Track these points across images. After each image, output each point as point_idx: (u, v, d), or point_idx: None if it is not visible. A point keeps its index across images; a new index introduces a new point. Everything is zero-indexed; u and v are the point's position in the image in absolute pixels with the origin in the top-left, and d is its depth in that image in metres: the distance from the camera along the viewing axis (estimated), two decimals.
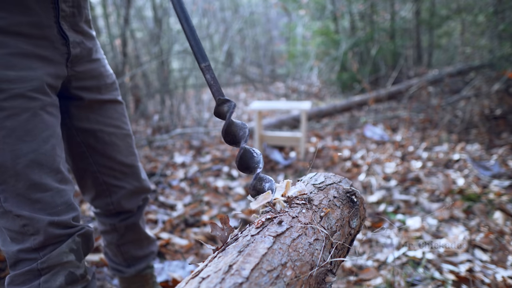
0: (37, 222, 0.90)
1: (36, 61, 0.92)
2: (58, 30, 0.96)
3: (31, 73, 0.90)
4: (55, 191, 0.93)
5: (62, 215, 0.94)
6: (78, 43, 1.02)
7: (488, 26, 4.47)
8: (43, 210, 0.91)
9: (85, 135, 1.13)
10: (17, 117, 0.87)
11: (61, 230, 0.93)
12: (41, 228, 0.90)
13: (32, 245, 0.91)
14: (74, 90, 1.07)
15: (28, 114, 0.89)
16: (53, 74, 0.96)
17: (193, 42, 0.78)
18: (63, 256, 0.93)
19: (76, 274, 0.96)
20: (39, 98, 0.91)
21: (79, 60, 1.04)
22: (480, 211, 2.03)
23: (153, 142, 3.91)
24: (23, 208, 0.89)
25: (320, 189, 0.87)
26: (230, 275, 0.55)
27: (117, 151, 1.18)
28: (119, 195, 1.22)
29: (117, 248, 1.32)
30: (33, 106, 0.90)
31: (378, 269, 1.64)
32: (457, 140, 3.33)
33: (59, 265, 0.93)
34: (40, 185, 0.90)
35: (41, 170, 0.91)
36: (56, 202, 0.93)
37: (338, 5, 6.68)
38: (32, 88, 0.90)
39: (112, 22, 4.60)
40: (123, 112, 1.21)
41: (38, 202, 0.90)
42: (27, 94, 0.89)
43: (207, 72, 0.78)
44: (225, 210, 2.36)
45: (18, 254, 0.92)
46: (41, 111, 0.92)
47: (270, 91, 7.35)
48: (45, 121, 0.92)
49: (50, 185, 0.92)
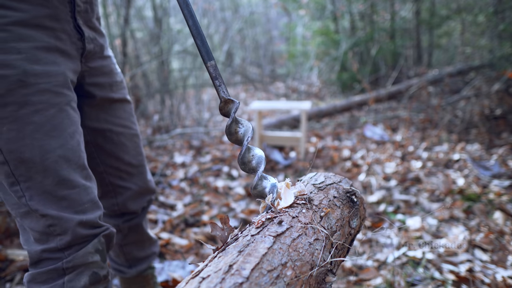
0: (65, 222, 0.88)
1: (59, 55, 0.91)
2: (74, 25, 0.95)
3: (55, 68, 0.89)
4: (82, 188, 0.92)
5: (89, 213, 0.93)
6: (92, 39, 1.02)
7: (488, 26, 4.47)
8: (69, 208, 0.89)
9: (94, 134, 1.13)
10: (45, 112, 0.86)
11: (88, 230, 0.92)
12: (69, 228, 0.89)
13: (57, 245, 0.89)
14: (87, 86, 1.06)
15: (55, 109, 0.88)
16: (73, 69, 0.96)
17: (199, 40, 0.78)
18: (89, 256, 0.92)
19: (100, 275, 0.96)
20: (65, 94, 0.90)
21: (92, 56, 1.04)
22: (480, 211, 2.03)
23: (153, 142, 3.91)
24: (50, 207, 0.87)
25: (320, 189, 0.87)
26: (230, 275, 0.55)
27: (125, 151, 1.17)
28: (124, 196, 1.22)
29: (120, 249, 1.32)
30: (59, 102, 0.89)
31: (378, 269, 1.64)
32: (457, 140, 3.33)
33: (84, 265, 0.92)
34: (68, 182, 0.89)
35: (69, 166, 0.90)
36: (83, 199, 0.92)
37: (338, 5, 6.68)
38: (58, 83, 0.89)
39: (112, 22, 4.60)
40: (131, 111, 1.20)
41: (65, 200, 0.89)
42: (53, 89, 0.88)
43: (213, 70, 0.78)
44: (225, 210, 2.36)
45: (42, 254, 0.90)
46: (67, 106, 0.91)
47: (270, 91, 7.35)
48: (70, 116, 0.92)
49: (77, 181, 0.91)
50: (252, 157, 0.80)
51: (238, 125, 0.80)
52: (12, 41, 0.83)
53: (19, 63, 0.83)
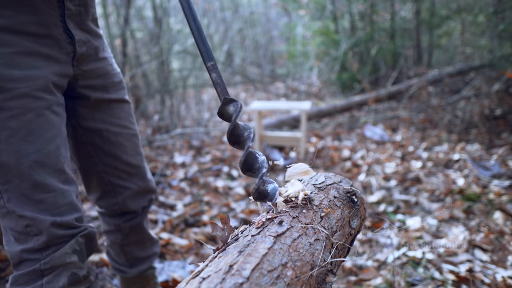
0: (40, 223, 0.89)
1: (42, 60, 0.91)
2: (64, 29, 0.95)
3: (36, 72, 0.89)
4: (59, 191, 0.93)
5: (65, 216, 0.93)
6: (84, 41, 1.01)
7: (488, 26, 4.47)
8: (46, 211, 0.90)
9: (90, 134, 1.13)
10: (22, 116, 0.87)
11: (64, 231, 0.93)
12: (44, 229, 0.90)
13: (35, 245, 0.91)
14: (80, 89, 1.06)
15: (32, 114, 0.88)
16: (59, 73, 0.95)
17: (200, 41, 0.78)
18: (66, 257, 0.93)
19: (79, 275, 0.96)
20: (45, 98, 0.91)
21: (86, 58, 1.04)
22: (480, 211, 2.03)
23: (153, 142, 3.91)
24: (26, 209, 0.89)
25: (321, 189, 0.87)
26: (231, 275, 0.55)
27: (123, 151, 1.17)
28: (124, 195, 1.22)
29: (121, 248, 1.32)
30: (38, 106, 0.89)
31: (378, 269, 1.64)
32: (457, 140, 3.33)
33: (62, 266, 0.93)
34: (43, 186, 0.90)
35: (44, 171, 0.90)
36: (59, 202, 0.93)
37: (338, 5, 6.68)
38: (37, 87, 0.89)
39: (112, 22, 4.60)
40: (130, 111, 1.20)
41: (41, 203, 0.90)
42: (32, 94, 0.88)
43: (213, 71, 0.78)
44: (225, 210, 2.36)
45: (22, 254, 0.91)
46: (46, 110, 0.91)
47: (270, 91, 7.35)
48: (49, 120, 0.92)
49: (54, 185, 0.92)
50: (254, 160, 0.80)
51: (240, 129, 0.79)
52: None
53: None
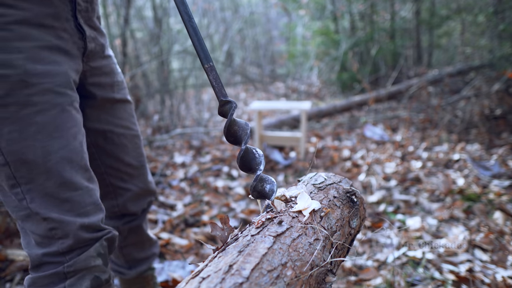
0: (67, 225, 0.87)
1: (61, 54, 0.90)
2: (75, 23, 0.94)
3: (57, 67, 0.88)
4: (85, 190, 0.91)
5: (91, 217, 0.91)
6: (93, 38, 1.01)
7: (488, 26, 4.47)
8: (71, 211, 0.88)
9: (95, 135, 1.12)
10: (47, 112, 0.85)
11: (90, 234, 0.91)
12: (70, 232, 0.87)
13: (59, 249, 0.88)
14: (89, 86, 1.05)
15: (57, 110, 0.86)
16: (74, 69, 0.94)
17: (197, 42, 0.78)
18: (91, 260, 0.91)
19: (102, 279, 0.94)
20: (67, 94, 0.89)
21: (94, 55, 1.03)
22: (480, 211, 2.03)
23: (153, 142, 3.91)
24: (51, 210, 0.86)
25: (320, 189, 0.87)
26: (231, 275, 0.55)
27: (125, 152, 1.17)
28: (125, 197, 1.21)
29: (119, 250, 1.31)
30: (61, 102, 0.87)
31: (378, 269, 1.64)
32: (457, 140, 3.33)
33: (86, 269, 0.91)
34: (70, 183, 0.88)
35: (72, 168, 0.88)
36: (86, 201, 0.90)
37: (338, 5, 6.68)
38: (60, 83, 0.87)
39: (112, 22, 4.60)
40: (131, 112, 1.20)
41: (67, 202, 0.87)
42: (55, 89, 0.86)
43: (210, 73, 0.78)
44: (225, 210, 2.36)
45: (43, 258, 0.89)
46: (69, 106, 0.90)
47: (270, 91, 7.35)
48: (73, 117, 0.91)
49: (80, 183, 0.90)
50: (251, 157, 0.80)
51: (236, 126, 0.80)
52: (13, 40, 0.81)
53: (21, 62, 0.82)
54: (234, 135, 0.80)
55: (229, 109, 0.78)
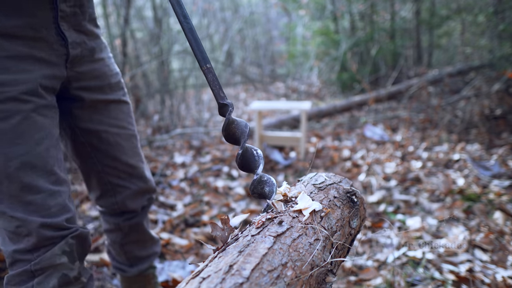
0: (29, 224, 0.90)
1: (32, 63, 0.91)
2: (57, 31, 0.95)
3: (25, 75, 0.90)
4: (48, 193, 0.93)
5: (55, 217, 0.94)
6: (78, 43, 1.01)
7: (488, 26, 4.47)
8: (36, 212, 0.91)
9: (88, 135, 1.13)
10: (9, 119, 0.88)
11: (53, 232, 0.94)
12: (33, 230, 0.91)
13: (26, 246, 0.92)
14: (74, 90, 1.06)
15: (19, 117, 0.89)
16: (50, 75, 0.95)
17: (194, 44, 0.78)
18: (56, 258, 0.94)
19: (70, 276, 0.97)
20: (32, 101, 0.91)
21: (80, 60, 1.03)
22: (480, 211, 2.03)
23: (153, 142, 3.91)
24: (17, 210, 0.90)
25: (321, 189, 0.87)
26: (231, 275, 0.55)
27: (122, 151, 1.18)
28: (123, 195, 1.22)
29: (121, 248, 1.32)
30: (25, 109, 0.90)
31: (378, 269, 1.65)
32: (457, 140, 3.33)
33: (52, 267, 0.94)
34: (32, 187, 0.91)
35: (33, 173, 0.91)
36: (49, 203, 0.93)
37: (338, 5, 6.68)
38: (25, 90, 0.90)
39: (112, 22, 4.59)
40: (128, 112, 1.20)
41: (31, 204, 0.91)
42: (19, 97, 0.89)
43: (208, 74, 0.78)
44: (225, 210, 2.36)
45: (14, 255, 0.93)
46: (33, 113, 0.92)
47: (270, 91, 7.36)
48: (37, 123, 0.93)
49: (43, 187, 0.93)
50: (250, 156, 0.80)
51: (234, 126, 0.80)
52: None
53: None
54: (233, 136, 0.80)
55: (226, 111, 0.78)
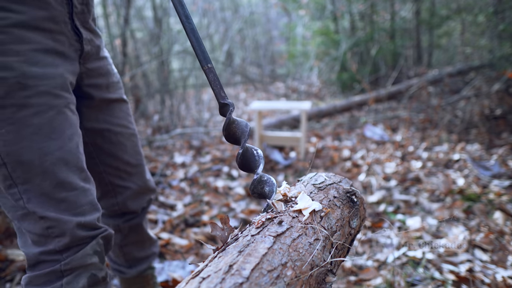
0: (63, 224, 0.88)
1: (57, 57, 0.91)
2: (72, 26, 0.95)
3: (53, 70, 0.89)
4: (80, 190, 0.92)
5: (87, 216, 0.93)
6: (89, 40, 1.02)
7: (488, 26, 4.47)
8: (68, 211, 0.89)
9: (93, 135, 1.13)
10: (44, 114, 0.87)
11: (87, 232, 0.92)
12: (67, 230, 0.89)
13: (56, 247, 0.89)
14: (86, 87, 1.06)
15: (53, 112, 0.88)
16: (71, 71, 0.96)
17: (196, 44, 0.78)
18: (87, 258, 0.92)
19: (98, 277, 0.95)
20: (64, 96, 0.91)
21: (90, 57, 1.04)
22: (480, 211, 2.03)
23: (153, 142, 3.91)
24: (48, 209, 0.87)
25: (320, 189, 0.87)
26: (231, 275, 0.55)
27: (123, 150, 1.18)
28: (124, 195, 1.22)
29: (120, 249, 1.32)
30: (58, 104, 0.89)
31: (378, 269, 1.64)
32: (457, 140, 3.33)
33: (82, 267, 0.92)
34: (66, 184, 0.89)
35: (68, 169, 0.90)
36: (81, 201, 0.92)
37: (338, 5, 6.68)
38: (57, 85, 0.89)
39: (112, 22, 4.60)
40: (128, 111, 1.21)
41: (63, 202, 0.89)
42: (52, 92, 0.88)
43: (210, 74, 0.78)
44: (225, 210, 2.36)
45: (40, 256, 0.90)
46: (65, 108, 0.91)
47: (270, 91, 7.35)
48: (69, 119, 0.92)
49: (76, 183, 0.91)
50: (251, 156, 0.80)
51: (234, 126, 0.80)
52: (10, 43, 0.83)
53: (18, 65, 0.83)
54: (234, 135, 0.80)
55: (226, 111, 0.79)
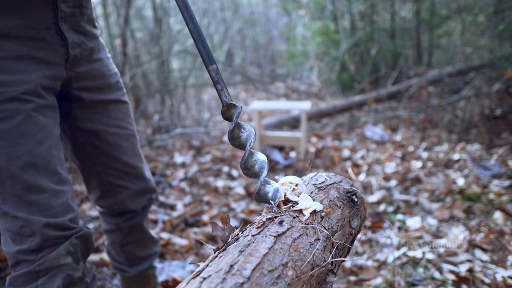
0: (33, 224, 0.90)
1: (32, 63, 0.92)
2: (57, 31, 0.95)
3: (25, 76, 0.90)
4: (51, 192, 0.93)
5: (59, 217, 0.94)
6: (78, 43, 1.01)
7: (488, 26, 4.47)
8: (39, 212, 0.91)
9: (88, 136, 1.13)
10: (11, 119, 0.88)
11: (58, 232, 0.93)
12: (37, 230, 0.90)
13: (30, 246, 0.91)
14: (74, 91, 1.06)
15: (21, 117, 0.89)
16: (50, 75, 0.96)
17: (200, 44, 0.78)
18: (60, 259, 0.93)
19: (74, 277, 0.96)
20: (33, 100, 0.91)
21: (79, 60, 1.03)
22: (480, 211, 2.03)
23: (153, 142, 3.91)
24: (20, 210, 0.89)
25: (321, 189, 0.87)
26: (231, 275, 0.55)
27: (121, 151, 1.18)
28: (123, 195, 1.22)
29: (121, 248, 1.32)
30: (26, 109, 0.90)
31: (378, 269, 1.65)
32: (457, 140, 3.33)
33: (57, 268, 0.93)
34: (35, 187, 0.91)
35: (36, 172, 0.91)
36: (52, 203, 0.93)
37: (338, 5, 6.68)
38: (25, 90, 0.90)
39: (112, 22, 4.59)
40: (127, 112, 1.20)
41: (34, 204, 0.90)
42: (20, 97, 0.89)
43: (214, 74, 0.78)
44: (225, 210, 2.36)
45: (17, 255, 0.92)
46: (35, 113, 0.92)
47: (270, 91, 7.35)
48: (39, 122, 0.93)
49: (46, 186, 0.92)
50: (255, 161, 0.80)
51: (241, 130, 0.79)
52: None
53: None
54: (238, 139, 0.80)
55: (234, 112, 0.78)
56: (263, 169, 0.79)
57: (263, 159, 0.80)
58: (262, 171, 0.79)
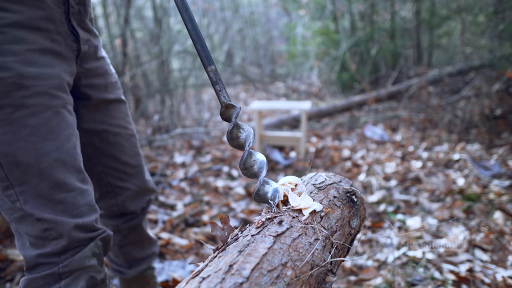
0: (61, 226, 0.87)
1: (54, 57, 0.90)
2: (69, 26, 0.95)
3: (50, 70, 0.88)
4: (78, 191, 0.91)
5: (85, 217, 0.92)
6: (86, 40, 1.01)
7: (488, 26, 4.47)
8: (65, 212, 0.88)
9: (90, 136, 1.12)
10: (41, 114, 0.85)
11: (85, 234, 0.91)
12: (65, 232, 0.87)
13: (53, 249, 0.88)
14: (83, 88, 1.06)
15: (51, 112, 0.87)
16: (68, 71, 0.95)
17: (199, 45, 0.78)
18: (86, 261, 0.91)
19: (97, 279, 0.94)
20: (61, 96, 0.90)
21: (87, 57, 1.03)
22: (480, 211, 2.03)
23: (153, 142, 3.91)
24: (45, 211, 0.86)
25: (321, 189, 0.87)
26: (231, 275, 0.55)
27: (122, 151, 1.17)
28: (123, 196, 1.21)
29: (119, 249, 1.31)
30: (55, 104, 0.88)
31: (378, 269, 1.64)
32: (457, 140, 3.33)
33: (81, 269, 0.91)
34: (64, 185, 0.88)
35: (65, 170, 0.89)
36: (79, 202, 0.91)
37: (338, 5, 6.68)
38: (54, 85, 0.88)
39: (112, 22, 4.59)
40: (126, 111, 1.20)
41: (61, 203, 0.88)
42: (49, 92, 0.87)
43: (213, 75, 0.77)
44: (225, 210, 2.36)
45: (37, 259, 0.89)
46: (62, 109, 0.90)
47: (270, 91, 7.35)
48: (66, 119, 0.91)
49: (73, 184, 0.90)
50: (254, 162, 0.80)
51: (240, 130, 0.79)
52: (7, 43, 0.82)
53: (15, 65, 0.82)
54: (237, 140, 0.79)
55: (233, 113, 0.78)
56: (262, 169, 0.79)
57: (262, 159, 0.80)
58: (261, 171, 0.79)
